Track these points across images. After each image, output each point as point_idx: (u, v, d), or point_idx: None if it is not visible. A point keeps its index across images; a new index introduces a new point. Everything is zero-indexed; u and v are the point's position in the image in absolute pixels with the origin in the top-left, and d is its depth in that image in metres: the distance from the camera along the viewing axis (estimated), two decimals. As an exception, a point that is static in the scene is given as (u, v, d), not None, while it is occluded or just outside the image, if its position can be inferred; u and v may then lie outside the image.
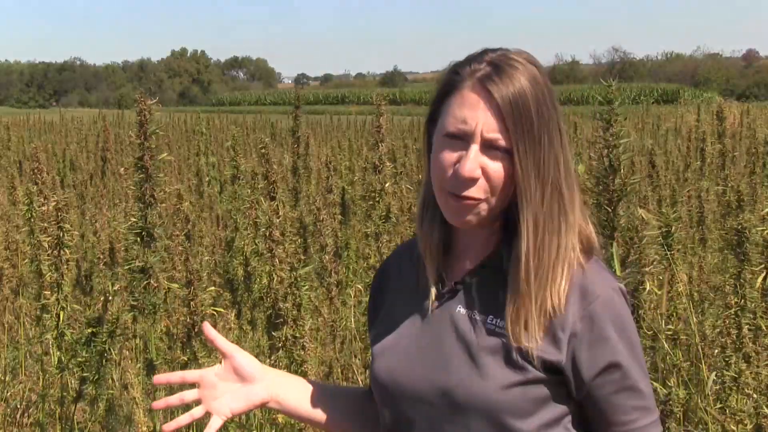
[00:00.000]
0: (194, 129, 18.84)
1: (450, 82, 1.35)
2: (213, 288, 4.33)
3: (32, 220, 3.82)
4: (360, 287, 4.93)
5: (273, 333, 3.26)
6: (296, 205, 6.00)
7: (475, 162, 1.30)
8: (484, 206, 1.33)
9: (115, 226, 5.57)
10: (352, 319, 4.76)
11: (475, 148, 1.30)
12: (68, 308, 3.45)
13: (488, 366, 1.31)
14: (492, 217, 1.35)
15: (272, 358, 3.27)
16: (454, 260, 1.44)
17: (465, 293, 1.39)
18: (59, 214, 3.30)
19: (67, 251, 3.36)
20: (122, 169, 9.73)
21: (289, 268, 3.24)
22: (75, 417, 3.39)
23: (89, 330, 3.19)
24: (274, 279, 3.28)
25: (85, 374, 3.21)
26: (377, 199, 4.57)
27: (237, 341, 4.03)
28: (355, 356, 4.19)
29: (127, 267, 3.25)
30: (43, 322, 3.49)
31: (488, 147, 1.30)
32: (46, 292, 3.39)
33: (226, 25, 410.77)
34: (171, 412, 3.79)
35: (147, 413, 3.36)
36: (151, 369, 3.60)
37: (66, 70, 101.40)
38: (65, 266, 3.36)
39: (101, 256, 5.34)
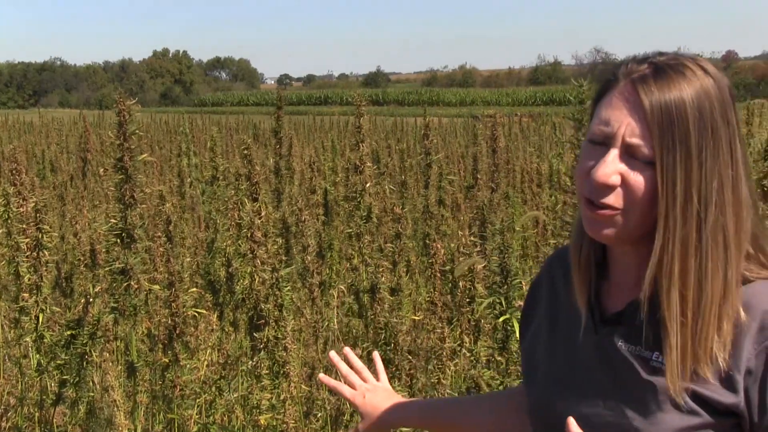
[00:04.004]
0: (176, 130, 18.78)
1: (604, 84, 1.25)
2: (195, 289, 4.31)
3: (9, 221, 3.78)
4: (343, 288, 4.92)
5: (255, 334, 3.24)
6: (279, 205, 5.99)
7: (611, 167, 1.17)
8: (620, 219, 1.20)
9: (96, 228, 5.54)
10: (335, 320, 4.75)
11: (614, 152, 1.18)
12: (47, 310, 3.42)
13: (655, 409, 1.19)
14: (633, 235, 1.21)
15: (254, 359, 3.25)
16: (612, 284, 1.32)
17: (627, 325, 1.26)
18: (38, 215, 3.27)
19: (46, 253, 3.33)
20: (102, 170, 9.67)
21: (270, 269, 3.23)
22: (55, 420, 3.36)
23: (69, 332, 3.17)
24: (255, 280, 3.27)
25: (65, 377, 3.18)
26: (359, 200, 4.56)
27: (219, 343, 4.01)
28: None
29: (107, 268, 3.23)
30: (22, 324, 3.46)
31: (630, 155, 1.17)
32: (24, 294, 3.35)
33: (209, 26, 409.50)
34: (153, 415, 3.77)
35: (128, 416, 3.33)
36: (132, 371, 3.57)
37: (46, 70, 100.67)
38: (44, 268, 3.33)
39: (82, 258, 5.31)
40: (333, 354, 1.74)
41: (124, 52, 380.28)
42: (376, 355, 1.78)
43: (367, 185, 4.56)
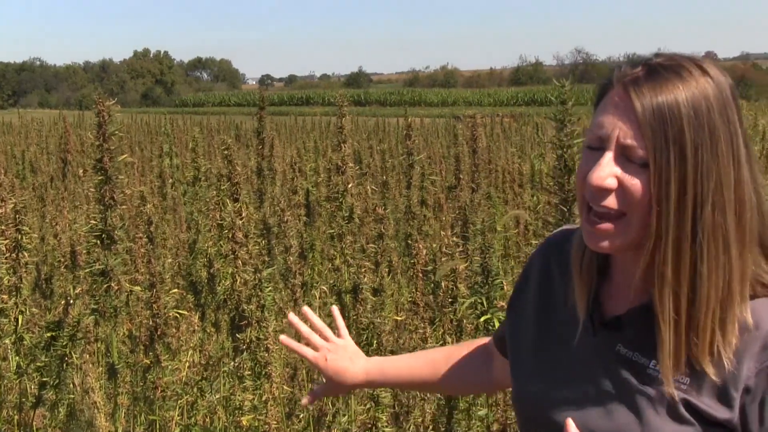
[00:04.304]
0: (157, 130, 18.70)
1: (601, 88, 1.24)
2: (176, 290, 4.30)
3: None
4: (325, 288, 4.91)
5: (237, 335, 3.23)
6: (260, 206, 5.97)
7: (606, 170, 1.17)
8: (619, 230, 1.19)
9: (76, 229, 5.50)
10: (317, 321, 4.73)
11: (609, 155, 1.17)
12: (27, 312, 3.39)
13: (650, 417, 1.19)
14: (635, 240, 1.20)
15: (236, 360, 3.25)
16: (613, 286, 1.31)
17: (627, 331, 1.26)
18: (17, 216, 3.25)
19: (25, 254, 3.31)
20: (82, 171, 9.62)
21: (252, 270, 3.22)
22: (34, 423, 3.33)
23: (49, 334, 3.15)
24: (237, 281, 3.26)
25: (44, 379, 3.16)
26: (341, 200, 4.56)
27: (201, 344, 4.00)
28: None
29: (88, 270, 3.21)
30: (1, 326, 3.43)
31: (626, 157, 1.17)
32: (3, 296, 3.33)
33: (190, 26, 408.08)
34: (134, 417, 3.75)
35: (109, 418, 3.31)
36: (113, 373, 3.55)
37: (25, 70, 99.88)
38: (24, 269, 3.31)
39: (62, 259, 5.27)
40: (292, 315, 1.74)
41: (104, 53, 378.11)
42: (335, 309, 1.80)
43: (349, 186, 4.56)
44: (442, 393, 2.92)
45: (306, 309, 1.76)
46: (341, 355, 1.71)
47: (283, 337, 1.73)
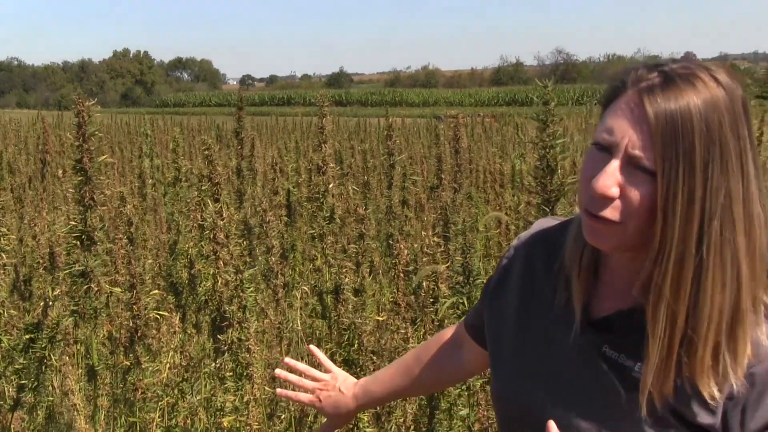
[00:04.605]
0: (137, 131, 18.59)
1: (614, 89, 1.22)
2: (156, 291, 4.27)
3: (-34, 224, 3.72)
4: (306, 289, 4.91)
5: (218, 336, 3.22)
6: (241, 206, 5.96)
7: (611, 178, 1.16)
8: (618, 231, 1.18)
9: (55, 230, 5.46)
10: (299, 321, 4.73)
11: (615, 163, 1.16)
12: (5, 314, 3.37)
13: (632, 418, 1.19)
14: (632, 243, 1.20)
15: (217, 361, 3.23)
16: (602, 286, 1.31)
17: (614, 332, 1.26)
18: (-5, 217, 3.22)
19: (3, 255, 3.28)
20: (61, 171, 9.55)
21: (233, 271, 3.21)
22: (12, 426, 3.31)
23: (28, 336, 3.12)
24: (218, 281, 3.25)
25: (23, 381, 3.14)
26: (322, 201, 4.55)
27: (181, 345, 3.98)
28: (302, 358, 4.16)
29: (67, 271, 3.19)
30: (-21, 328, 3.40)
31: (632, 166, 1.15)
32: (-19, 298, 3.30)
33: (170, 26, 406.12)
34: (114, 419, 3.73)
35: (88, 420, 3.29)
36: (92, 375, 3.53)
37: (3, 70, 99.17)
38: (2, 271, 3.28)
39: (41, 261, 5.23)
40: (279, 371, 1.79)
41: (83, 52, 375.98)
42: (313, 349, 1.83)
43: (330, 186, 4.56)
44: (425, 395, 2.94)
45: (288, 360, 1.79)
46: (331, 389, 1.76)
47: (279, 390, 1.79)
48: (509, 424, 1.38)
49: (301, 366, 1.79)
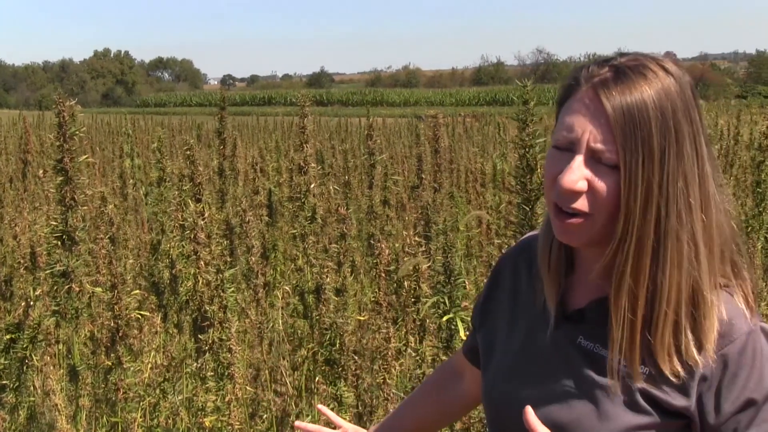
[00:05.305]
0: (118, 131, 18.51)
1: (567, 88, 1.24)
2: (138, 291, 4.27)
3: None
4: (288, 289, 4.91)
5: (199, 336, 3.23)
6: (222, 206, 5.95)
7: (577, 173, 1.18)
8: (588, 225, 1.21)
9: (37, 230, 5.44)
10: (280, 321, 4.74)
11: (579, 158, 1.18)
12: (-14, 314, 3.36)
13: (608, 406, 1.21)
14: (601, 236, 1.22)
15: (199, 361, 3.24)
16: (576, 281, 1.33)
17: (588, 323, 1.28)
18: (-24, 218, 3.21)
19: (-16, 256, 3.27)
20: (42, 171, 9.50)
21: (215, 271, 3.22)
22: (-6, 426, 3.30)
23: (9, 336, 3.12)
24: (199, 281, 3.25)
25: (4, 381, 3.13)
26: (303, 201, 4.57)
27: (163, 345, 3.98)
28: (283, 358, 4.17)
29: (48, 271, 3.19)
30: (-40, 329, 3.39)
31: (596, 160, 1.18)
32: (-38, 299, 3.29)
33: (151, 26, 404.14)
34: (96, 419, 3.73)
35: (70, 420, 3.29)
36: (74, 375, 3.53)
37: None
38: (-17, 271, 3.28)
39: (22, 261, 5.21)
40: (298, 422, 1.77)
41: (64, 52, 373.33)
42: (322, 408, 1.80)
43: (312, 186, 4.57)
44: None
45: (299, 423, 1.78)
46: None
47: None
48: (498, 423, 1.40)
49: (313, 427, 1.76)
